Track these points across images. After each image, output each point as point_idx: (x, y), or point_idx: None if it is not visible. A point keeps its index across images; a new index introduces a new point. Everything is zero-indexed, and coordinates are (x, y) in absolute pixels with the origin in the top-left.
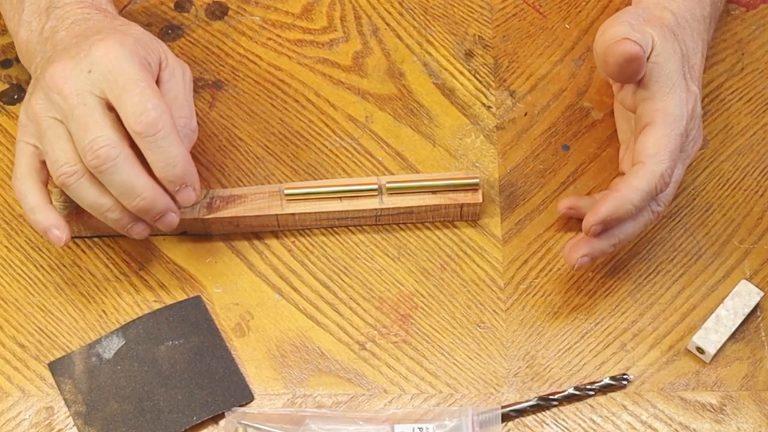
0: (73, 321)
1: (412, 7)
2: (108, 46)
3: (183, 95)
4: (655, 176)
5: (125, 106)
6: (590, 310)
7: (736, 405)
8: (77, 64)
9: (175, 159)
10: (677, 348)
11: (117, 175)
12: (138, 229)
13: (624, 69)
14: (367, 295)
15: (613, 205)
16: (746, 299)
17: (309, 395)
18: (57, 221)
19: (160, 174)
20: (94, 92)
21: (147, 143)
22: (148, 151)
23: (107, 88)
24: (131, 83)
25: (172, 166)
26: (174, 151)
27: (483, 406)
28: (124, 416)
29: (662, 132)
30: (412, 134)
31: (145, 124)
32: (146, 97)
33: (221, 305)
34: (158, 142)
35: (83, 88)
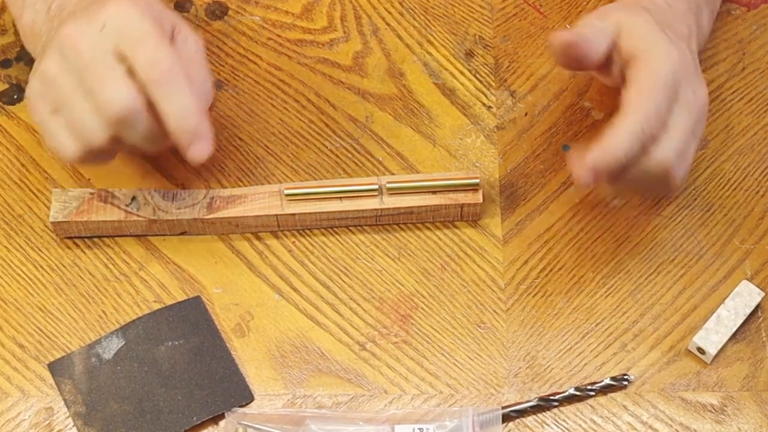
0: (73, 321)
1: (412, 6)
2: (120, 4)
3: (198, 59)
4: (633, 123)
5: (140, 57)
6: (591, 310)
7: (737, 406)
8: (90, 21)
9: (188, 108)
10: (678, 348)
11: (138, 126)
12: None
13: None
14: (367, 295)
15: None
16: (747, 300)
17: (309, 396)
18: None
19: (174, 125)
20: (108, 48)
21: (162, 92)
22: (161, 101)
23: (121, 43)
24: (146, 35)
25: (185, 115)
26: (187, 100)
27: (483, 406)
28: (124, 417)
29: (641, 83)
30: (412, 134)
31: (159, 71)
32: (161, 47)
33: (221, 305)
34: (171, 90)
35: (97, 45)
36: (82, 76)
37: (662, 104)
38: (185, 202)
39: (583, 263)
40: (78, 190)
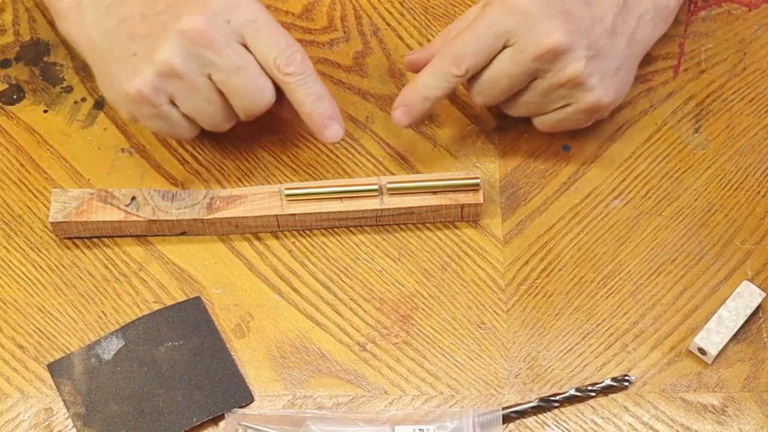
0: (73, 322)
1: (412, 6)
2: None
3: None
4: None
5: (273, 50)
6: (592, 311)
7: (738, 406)
8: (214, 15)
9: (322, 91)
10: (679, 349)
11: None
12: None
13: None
14: (367, 295)
15: (403, 94)
16: (748, 300)
17: (309, 396)
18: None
19: (311, 108)
20: (238, 40)
21: (299, 81)
22: (299, 88)
23: (249, 35)
24: (274, 29)
25: (321, 98)
26: (319, 84)
27: (484, 407)
28: (124, 417)
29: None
30: (412, 134)
31: (296, 63)
32: (290, 40)
33: (221, 306)
34: (307, 78)
35: (230, 38)
36: (223, 71)
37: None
38: (185, 202)
39: (584, 264)
40: (77, 191)
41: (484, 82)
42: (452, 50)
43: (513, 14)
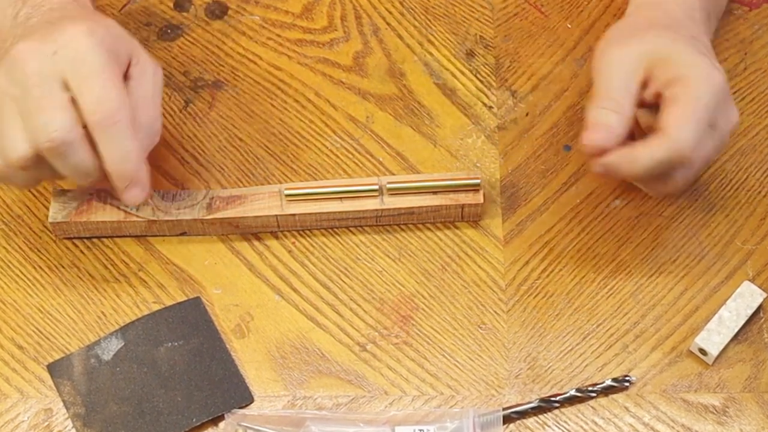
0: (72, 322)
1: (412, 6)
2: (78, 31)
3: (151, 95)
4: (674, 145)
5: (85, 94)
6: (592, 311)
7: (739, 407)
8: (43, 44)
9: (129, 154)
10: (680, 349)
11: (70, 158)
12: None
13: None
14: (367, 296)
15: (620, 157)
16: (749, 300)
17: (309, 397)
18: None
19: (111, 168)
20: (56, 74)
21: (102, 134)
22: (102, 142)
23: (70, 73)
24: (95, 72)
25: (124, 161)
26: (129, 145)
27: (484, 407)
28: (124, 418)
29: (683, 104)
30: (413, 134)
31: (102, 114)
32: (108, 87)
33: (221, 306)
34: (113, 134)
35: (45, 69)
36: (24, 96)
37: (699, 133)
38: (185, 202)
39: (585, 264)
40: (77, 191)
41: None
42: (681, 139)
43: (716, 93)
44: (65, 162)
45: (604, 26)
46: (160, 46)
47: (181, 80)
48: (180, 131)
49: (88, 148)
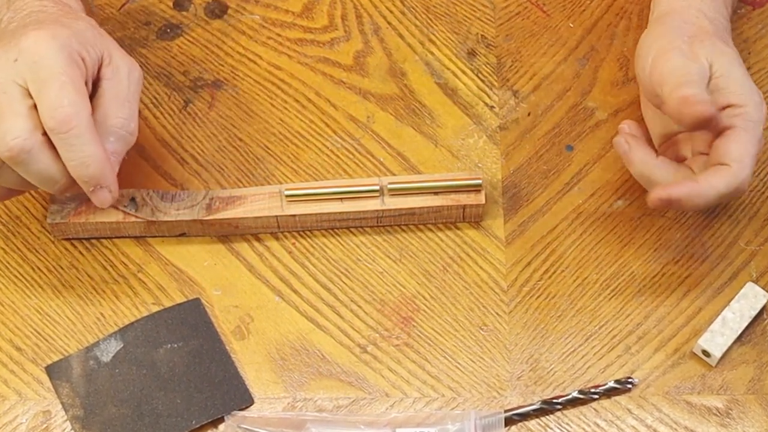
0: (71, 324)
1: (413, 5)
2: (39, 36)
3: (125, 95)
4: (736, 180)
5: (42, 100)
6: (594, 312)
7: (743, 409)
8: (6, 51)
9: (89, 159)
10: (683, 351)
11: (32, 165)
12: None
13: (701, 125)
14: (368, 297)
15: (686, 192)
16: (752, 302)
17: (310, 399)
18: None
19: (73, 173)
20: (17, 81)
21: (59, 140)
22: (60, 148)
23: (29, 79)
24: (52, 77)
25: (84, 165)
26: (87, 150)
27: (486, 410)
28: (123, 420)
29: (745, 137)
30: (413, 134)
31: (57, 120)
32: (64, 93)
33: (220, 308)
34: (70, 140)
35: (6, 76)
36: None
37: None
38: (184, 203)
39: (587, 265)
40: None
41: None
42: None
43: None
44: (27, 169)
45: (606, 25)
46: (159, 46)
47: (181, 80)
48: (179, 131)
49: (49, 155)
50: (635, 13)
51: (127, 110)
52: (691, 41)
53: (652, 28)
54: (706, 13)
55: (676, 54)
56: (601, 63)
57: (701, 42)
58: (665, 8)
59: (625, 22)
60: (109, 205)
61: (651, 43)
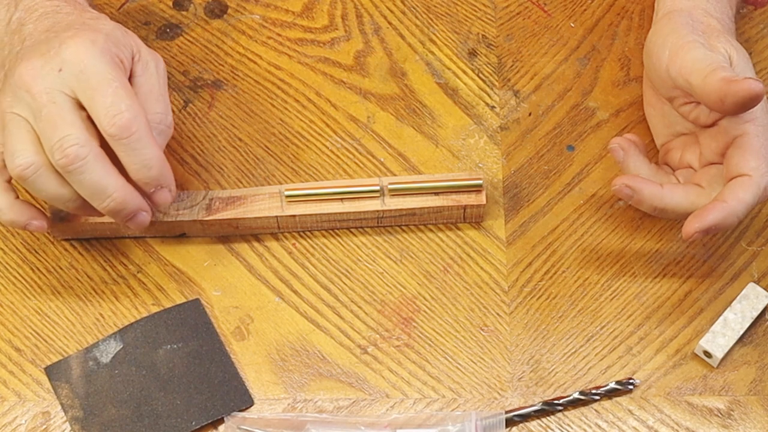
0: (70, 324)
1: (414, 5)
2: (79, 44)
3: (157, 89)
4: (760, 188)
5: (98, 107)
6: (596, 313)
7: (744, 410)
8: (47, 62)
9: (150, 161)
10: (684, 352)
11: (87, 174)
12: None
13: (749, 105)
14: (368, 298)
15: (721, 215)
16: (754, 302)
17: (310, 400)
18: (31, 213)
19: (136, 176)
20: (64, 91)
21: (121, 145)
22: (122, 153)
23: (78, 88)
24: (104, 83)
25: (147, 168)
26: (149, 152)
27: (486, 411)
28: (122, 421)
29: (758, 143)
30: (414, 134)
31: (118, 126)
32: (119, 98)
33: (220, 308)
34: (132, 144)
35: (53, 87)
36: (35, 116)
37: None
38: (184, 203)
39: (588, 265)
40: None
41: None
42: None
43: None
44: (82, 179)
45: (607, 25)
46: (159, 46)
47: (181, 80)
48: (179, 131)
49: (105, 164)
50: (636, 12)
51: (163, 104)
52: (706, 36)
53: (661, 25)
54: (712, 13)
55: (696, 45)
56: (602, 63)
57: (716, 37)
58: (671, 6)
59: (627, 22)
60: (169, 205)
61: (664, 38)
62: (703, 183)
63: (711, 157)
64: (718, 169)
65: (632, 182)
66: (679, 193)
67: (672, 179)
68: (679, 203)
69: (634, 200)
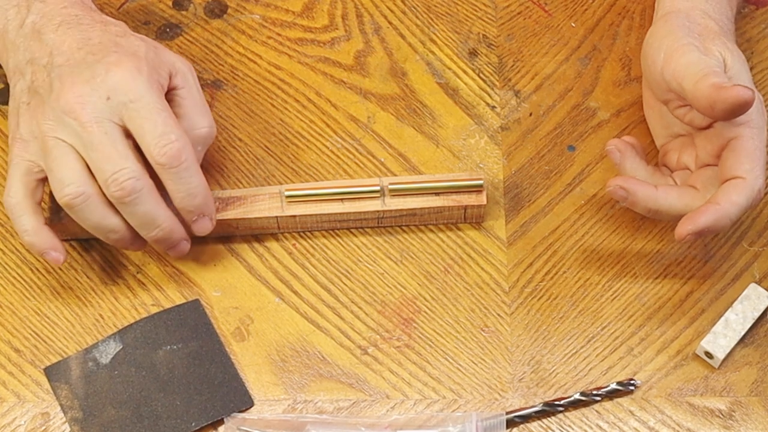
0: (70, 325)
1: (415, 5)
2: (126, 72)
3: (199, 99)
4: (754, 191)
5: (148, 137)
6: (596, 314)
7: (746, 411)
8: (94, 89)
9: (196, 189)
10: (685, 353)
11: (140, 206)
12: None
13: (738, 111)
14: (369, 298)
15: (714, 217)
16: (756, 303)
17: (310, 401)
18: (53, 243)
19: (180, 204)
20: (113, 120)
21: (170, 174)
22: (169, 181)
23: (128, 117)
24: (154, 113)
25: (192, 196)
26: (195, 181)
27: (487, 411)
28: (122, 422)
29: (752, 145)
30: (414, 135)
31: (169, 156)
32: (169, 128)
33: (220, 309)
34: (180, 173)
35: (103, 116)
36: (85, 145)
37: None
38: None
39: (589, 266)
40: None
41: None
42: (758, 184)
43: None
44: (134, 210)
45: (608, 25)
46: None
47: None
48: None
49: (156, 195)
50: (637, 12)
51: (207, 117)
52: (702, 38)
53: (658, 26)
54: (711, 14)
55: (691, 49)
56: (603, 63)
57: (712, 40)
58: (670, 7)
59: (628, 22)
60: (207, 233)
61: (660, 41)
62: (698, 185)
63: (706, 159)
64: (713, 171)
65: (626, 184)
66: (674, 195)
67: (669, 181)
68: (673, 205)
69: (628, 202)
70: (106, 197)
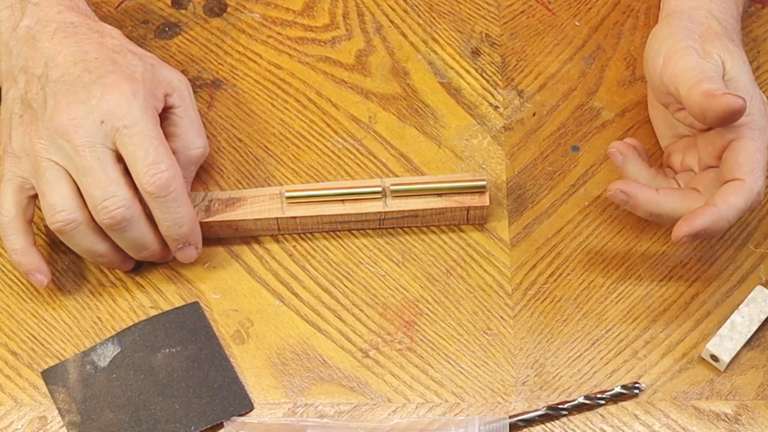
0: (67, 328)
1: (416, 4)
2: (121, 97)
3: (195, 117)
4: (753, 193)
5: (139, 164)
6: (601, 316)
7: (752, 414)
8: (89, 112)
9: (183, 219)
10: (691, 356)
11: (129, 233)
12: (126, 267)
13: (729, 119)
14: (370, 301)
15: (710, 219)
16: (762, 305)
17: (310, 404)
18: (39, 265)
19: (167, 232)
20: (106, 144)
21: (158, 203)
22: (156, 209)
23: (120, 143)
24: (146, 140)
25: (179, 225)
26: (182, 211)
27: (490, 415)
28: (120, 426)
29: (753, 146)
30: (416, 135)
31: (158, 185)
32: (160, 157)
33: (220, 311)
34: (168, 203)
35: (96, 140)
36: (77, 169)
37: (766, 172)
38: None
39: (593, 268)
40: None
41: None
42: (757, 186)
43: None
44: (123, 236)
45: (612, 24)
46: (157, 45)
47: None
48: None
49: (146, 222)
50: (642, 11)
51: (202, 137)
52: (702, 40)
53: (659, 28)
54: (715, 14)
55: (689, 52)
56: (607, 62)
57: (712, 41)
58: (674, 7)
59: (632, 21)
60: (192, 261)
61: (660, 43)
62: (700, 187)
63: (709, 161)
64: (716, 174)
65: (627, 187)
66: (675, 198)
67: (672, 183)
68: (674, 208)
69: (629, 205)
70: (96, 223)
